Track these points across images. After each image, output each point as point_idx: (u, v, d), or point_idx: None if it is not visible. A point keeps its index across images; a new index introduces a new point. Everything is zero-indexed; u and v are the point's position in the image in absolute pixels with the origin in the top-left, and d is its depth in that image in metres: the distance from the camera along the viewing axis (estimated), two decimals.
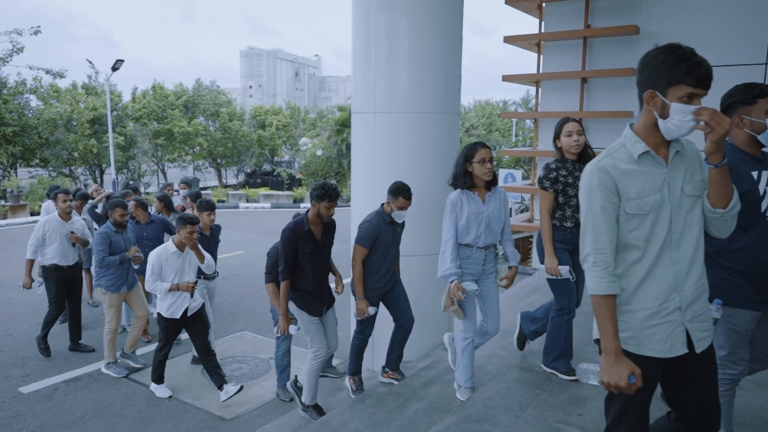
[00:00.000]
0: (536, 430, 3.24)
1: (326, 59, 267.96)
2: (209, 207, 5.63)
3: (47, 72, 20.05)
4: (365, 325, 4.48)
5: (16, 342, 6.60)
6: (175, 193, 8.67)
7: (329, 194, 4.02)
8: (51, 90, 21.90)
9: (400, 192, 4.17)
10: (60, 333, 6.46)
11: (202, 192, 21.42)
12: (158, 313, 5.03)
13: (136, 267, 5.70)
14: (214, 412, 4.99)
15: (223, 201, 21.39)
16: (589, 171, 1.98)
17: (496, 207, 3.65)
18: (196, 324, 5.14)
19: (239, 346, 6.56)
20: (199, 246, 5.13)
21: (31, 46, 19.26)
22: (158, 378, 5.28)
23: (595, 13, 9.77)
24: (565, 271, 3.61)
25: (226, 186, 27.36)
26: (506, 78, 11.11)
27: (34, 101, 21.44)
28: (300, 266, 4.16)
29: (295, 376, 4.74)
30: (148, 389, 5.34)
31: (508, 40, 10.75)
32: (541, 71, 10.63)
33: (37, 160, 21.72)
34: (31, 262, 5.92)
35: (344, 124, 23.34)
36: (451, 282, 3.57)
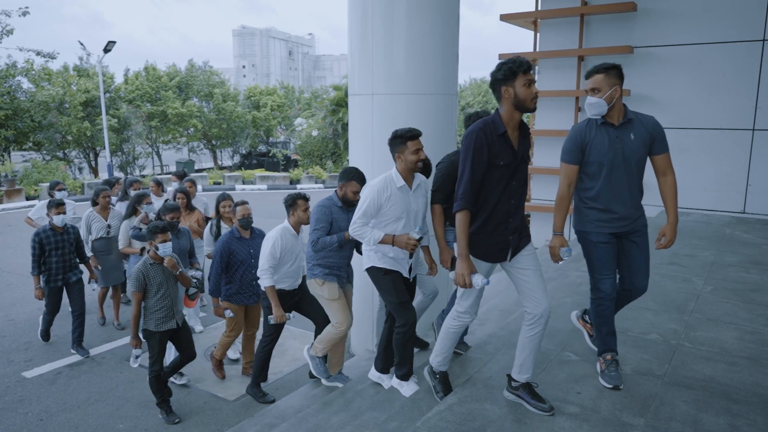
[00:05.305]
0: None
1: (320, 37, 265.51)
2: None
3: (38, 54, 19.85)
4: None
5: (17, 327, 6.64)
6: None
7: (523, 64, 2.73)
8: (42, 72, 21.68)
9: (591, 72, 3.10)
10: (60, 319, 6.45)
11: (195, 174, 21.34)
12: (371, 268, 3.67)
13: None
14: (217, 393, 5.06)
15: (220, 183, 21.35)
16: None
17: None
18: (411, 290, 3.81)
19: None
20: None
21: (20, 28, 18.98)
22: (409, 371, 3.69)
23: None
24: None
25: (221, 168, 27.30)
26: (503, 57, 11.04)
27: (25, 84, 21.29)
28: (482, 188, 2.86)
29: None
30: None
31: (504, 18, 10.66)
32: (537, 49, 10.56)
33: (30, 144, 21.61)
34: (273, 288, 4.40)
35: (339, 104, 23.20)
36: None
